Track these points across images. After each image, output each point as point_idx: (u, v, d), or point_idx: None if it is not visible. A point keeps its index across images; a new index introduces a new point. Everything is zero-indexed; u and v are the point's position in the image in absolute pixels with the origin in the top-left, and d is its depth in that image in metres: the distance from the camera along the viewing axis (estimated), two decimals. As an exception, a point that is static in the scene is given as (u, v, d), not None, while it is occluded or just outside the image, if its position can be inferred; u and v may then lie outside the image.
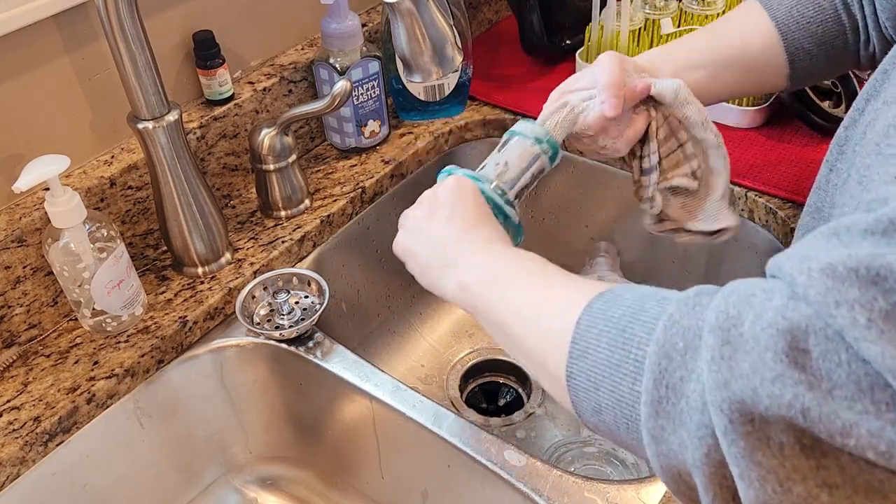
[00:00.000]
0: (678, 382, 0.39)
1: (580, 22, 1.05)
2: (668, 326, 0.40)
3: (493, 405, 0.99)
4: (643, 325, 0.41)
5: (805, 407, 0.34)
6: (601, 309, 0.45)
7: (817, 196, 0.58)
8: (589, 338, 0.44)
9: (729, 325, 0.37)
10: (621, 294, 0.45)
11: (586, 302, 0.46)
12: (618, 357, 0.42)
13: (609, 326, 0.43)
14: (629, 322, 0.42)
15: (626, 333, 0.42)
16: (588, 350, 0.44)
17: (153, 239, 0.84)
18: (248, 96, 0.89)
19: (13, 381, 0.72)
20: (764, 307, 0.36)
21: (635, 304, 0.43)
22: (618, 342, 0.42)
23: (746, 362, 0.36)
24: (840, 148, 0.55)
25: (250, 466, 0.88)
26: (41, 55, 0.73)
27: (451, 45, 0.66)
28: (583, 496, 0.63)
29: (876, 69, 0.55)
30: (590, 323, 0.45)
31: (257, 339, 0.79)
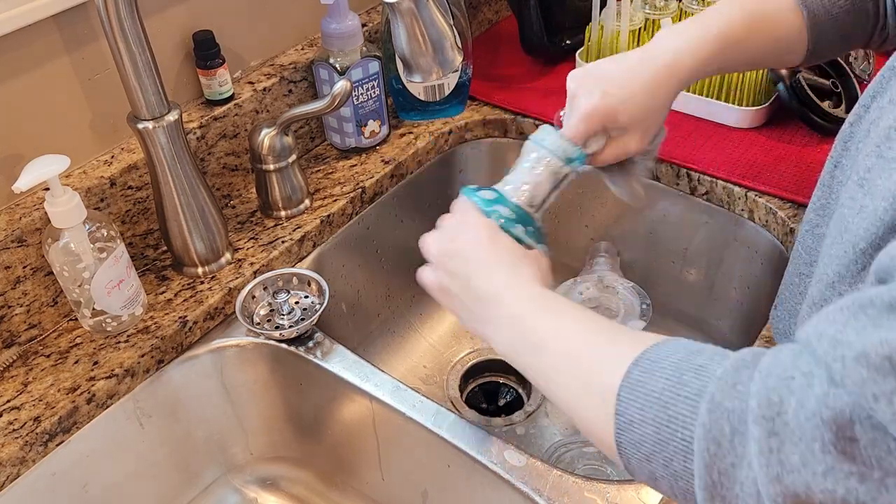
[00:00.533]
0: (729, 468, 0.39)
1: (580, 22, 1.05)
2: (712, 409, 0.40)
3: (493, 405, 0.99)
4: (685, 403, 0.42)
5: (860, 501, 0.34)
6: (640, 381, 0.44)
7: (822, 193, 0.57)
8: (632, 411, 0.44)
9: (772, 413, 0.37)
10: (658, 361, 0.44)
11: (622, 371, 0.45)
12: (665, 435, 0.42)
13: (651, 402, 0.43)
14: (671, 398, 0.42)
15: (670, 411, 0.42)
16: (633, 423, 0.44)
17: (153, 239, 0.84)
18: (248, 96, 0.89)
19: (13, 381, 0.72)
20: (805, 394, 0.36)
21: (673, 377, 0.43)
22: (662, 419, 0.43)
23: (796, 455, 0.36)
24: (844, 144, 0.55)
25: (250, 466, 0.88)
26: (41, 55, 0.73)
27: (451, 45, 0.66)
28: (583, 496, 0.63)
29: (884, 65, 0.55)
30: (630, 396, 0.44)
31: (257, 339, 0.79)
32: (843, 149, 0.55)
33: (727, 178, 0.88)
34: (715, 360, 0.42)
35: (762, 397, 0.37)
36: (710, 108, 0.96)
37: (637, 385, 0.44)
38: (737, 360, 0.41)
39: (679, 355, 0.44)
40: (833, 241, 0.50)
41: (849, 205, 0.48)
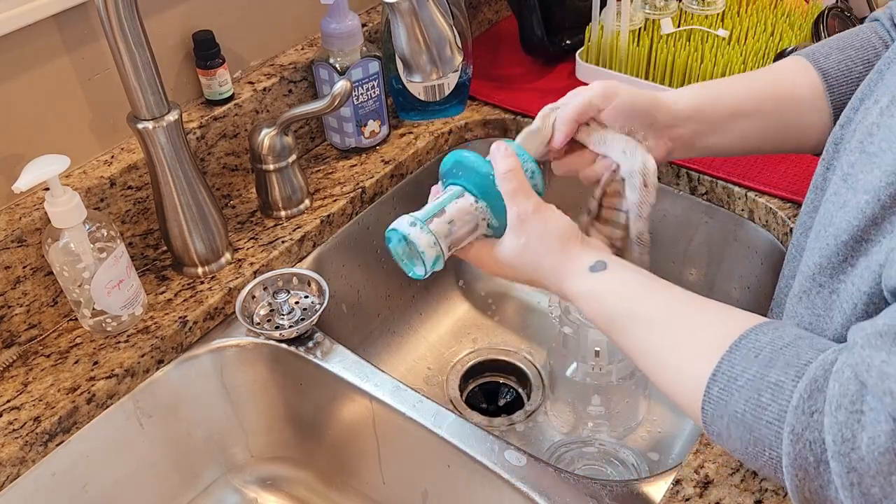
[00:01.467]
0: (819, 489, 0.42)
1: (580, 22, 1.05)
2: (794, 441, 0.42)
3: (493, 405, 0.99)
4: (768, 428, 0.44)
5: None
6: (721, 399, 0.47)
7: (814, 194, 0.58)
8: (719, 427, 0.48)
9: (847, 450, 0.40)
10: (735, 379, 0.47)
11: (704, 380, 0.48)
12: (752, 452, 0.46)
13: (735, 422, 0.46)
14: (753, 421, 0.45)
15: (755, 433, 0.45)
16: (721, 436, 0.48)
17: (153, 239, 0.84)
18: (248, 96, 0.89)
19: (13, 381, 0.72)
20: (875, 430, 0.38)
21: (752, 399, 0.45)
22: (748, 440, 0.46)
23: (876, 487, 0.39)
24: (836, 147, 0.55)
25: (250, 466, 0.88)
26: (41, 55, 0.73)
27: (451, 45, 0.66)
28: (583, 496, 0.63)
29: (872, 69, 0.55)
30: (715, 412, 0.48)
31: (257, 339, 0.79)
32: (835, 151, 0.55)
33: (727, 178, 0.88)
34: (789, 375, 0.44)
35: (836, 434, 0.40)
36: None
37: (719, 403, 0.47)
38: (810, 384, 0.43)
39: (753, 370, 0.46)
40: (817, 235, 0.51)
41: (833, 199, 0.49)
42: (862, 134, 0.48)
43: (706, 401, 0.48)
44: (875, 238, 0.45)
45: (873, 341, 0.39)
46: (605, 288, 0.57)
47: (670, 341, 0.52)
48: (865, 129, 0.48)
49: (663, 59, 0.98)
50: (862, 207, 0.45)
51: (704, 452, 0.62)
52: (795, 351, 0.45)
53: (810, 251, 0.52)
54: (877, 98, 0.50)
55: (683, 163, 0.90)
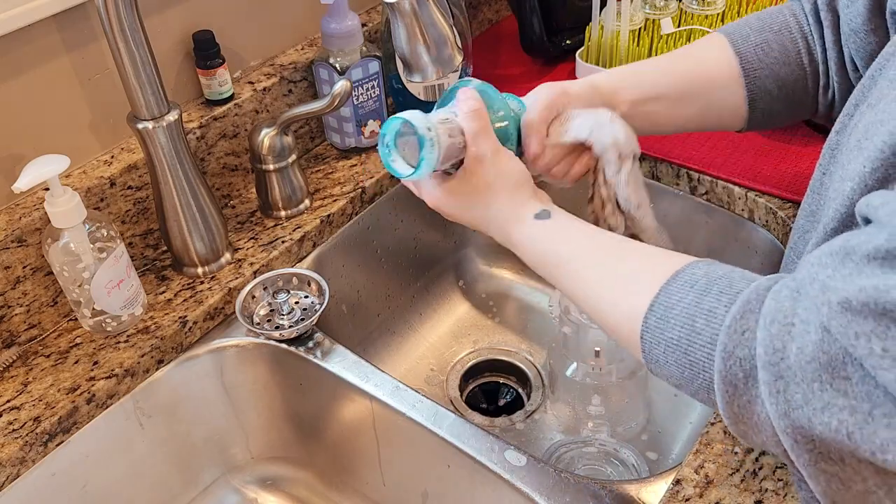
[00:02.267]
0: (747, 404, 0.45)
1: (580, 22, 1.05)
2: (726, 358, 0.45)
3: (493, 405, 0.99)
4: (702, 351, 0.47)
5: (849, 431, 0.39)
6: (658, 327, 0.50)
7: (812, 199, 0.58)
8: (657, 354, 0.50)
9: (776, 359, 0.42)
10: (671, 308, 0.49)
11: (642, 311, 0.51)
12: (689, 375, 0.49)
13: (672, 348, 0.49)
14: (688, 347, 0.48)
15: (690, 357, 0.48)
16: (659, 363, 0.51)
17: (153, 239, 0.84)
18: (248, 96, 0.89)
19: (13, 381, 0.72)
20: (804, 340, 0.41)
21: (687, 325, 0.48)
22: (684, 363, 0.48)
23: (799, 394, 0.41)
24: (832, 152, 0.56)
25: (250, 466, 0.88)
26: (41, 55, 0.73)
27: (451, 45, 0.66)
28: (583, 496, 0.63)
29: (860, 80, 0.56)
30: (653, 341, 0.50)
31: (257, 339, 0.79)
32: (831, 156, 0.56)
33: (727, 178, 0.88)
34: (722, 301, 0.47)
35: (767, 344, 0.42)
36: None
37: (656, 332, 0.50)
38: (743, 305, 0.45)
39: (688, 299, 0.49)
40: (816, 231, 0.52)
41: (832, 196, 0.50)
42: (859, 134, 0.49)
43: (644, 330, 0.50)
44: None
45: (824, 259, 0.41)
46: (545, 234, 0.60)
47: (609, 278, 0.55)
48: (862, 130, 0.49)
49: (663, 59, 0.98)
50: (848, 195, 0.46)
51: (704, 452, 0.62)
52: (729, 281, 0.48)
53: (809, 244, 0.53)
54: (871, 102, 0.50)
55: (683, 163, 0.90)
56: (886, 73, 0.50)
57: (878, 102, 0.49)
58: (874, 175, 0.44)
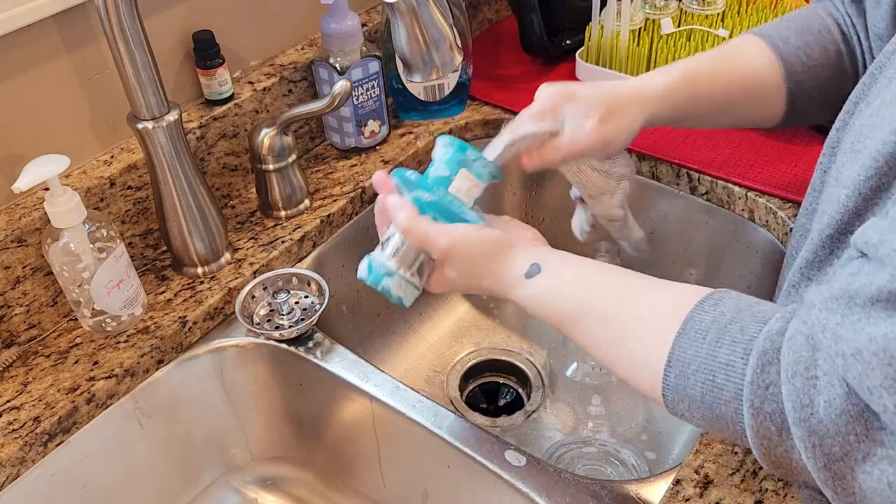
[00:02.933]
0: (784, 453, 0.44)
1: (580, 22, 1.05)
2: (755, 414, 0.44)
3: (493, 405, 0.99)
4: (728, 406, 0.46)
5: (890, 481, 0.39)
6: (678, 385, 0.49)
7: (812, 198, 0.58)
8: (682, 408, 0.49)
9: (806, 415, 0.41)
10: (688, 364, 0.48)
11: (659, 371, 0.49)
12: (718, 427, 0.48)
13: (696, 404, 0.48)
14: (713, 401, 0.47)
15: (716, 412, 0.47)
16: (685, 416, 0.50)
17: (153, 239, 0.84)
18: (248, 96, 0.89)
19: (13, 381, 0.72)
20: (830, 394, 0.40)
21: (708, 381, 0.47)
22: (710, 418, 0.48)
23: (836, 447, 0.40)
24: (832, 150, 0.56)
25: (250, 466, 0.88)
26: (41, 55, 0.73)
27: (451, 45, 0.66)
28: (583, 496, 0.63)
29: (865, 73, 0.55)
30: (676, 398, 0.49)
31: (257, 339, 0.79)
32: (831, 154, 0.56)
33: (727, 178, 0.88)
34: (737, 353, 0.46)
35: (794, 400, 0.41)
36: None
37: (677, 388, 0.49)
38: (760, 357, 0.44)
39: (703, 352, 0.47)
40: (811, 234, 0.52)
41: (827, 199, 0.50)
42: (854, 135, 0.49)
43: (665, 388, 0.49)
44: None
45: (829, 304, 0.41)
46: (544, 291, 0.58)
47: (620, 334, 0.53)
48: (857, 131, 0.49)
49: (663, 59, 0.98)
50: (843, 202, 0.46)
51: (704, 452, 0.62)
52: (739, 326, 0.47)
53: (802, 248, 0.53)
54: (869, 101, 0.50)
55: (683, 163, 0.90)
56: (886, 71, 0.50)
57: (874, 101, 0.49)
58: (868, 183, 0.44)
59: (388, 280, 0.62)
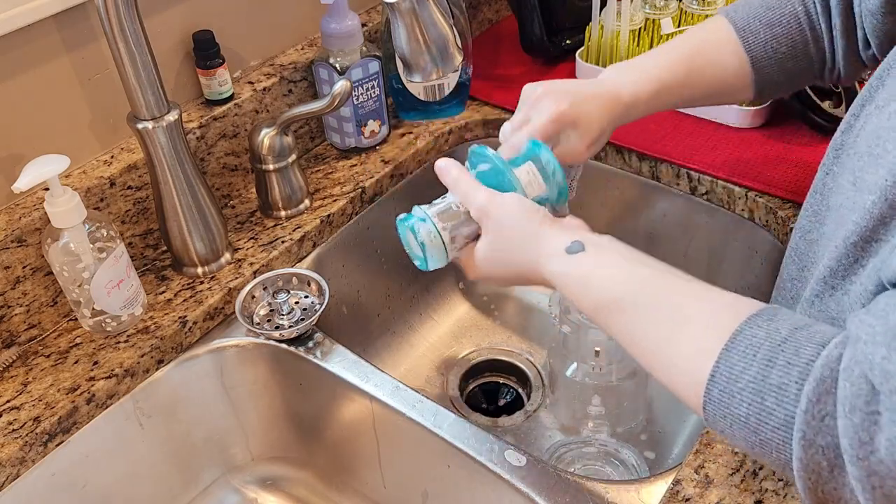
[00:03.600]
0: (833, 490, 0.42)
1: (580, 22, 1.05)
2: (806, 447, 0.42)
3: (493, 405, 0.99)
4: (775, 433, 0.44)
5: None
6: (722, 401, 0.46)
7: (814, 199, 0.58)
8: (723, 426, 0.47)
9: (865, 453, 0.39)
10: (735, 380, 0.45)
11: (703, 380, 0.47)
12: (759, 451, 0.46)
13: (739, 424, 0.45)
14: (758, 424, 0.44)
15: (761, 436, 0.44)
16: (725, 433, 0.47)
17: (153, 239, 0.84)
18: (248, 96, 0.89)
19: (13, 381, 0.72)
20: (892, 431, 0.38)
21: (756, 402, 0.44)
22: (753, 441, 0.45)
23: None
24: (836, 152, 0.56)
25: (250, 466, 0.88)
26: (41, 55, 0.73)
27: (451, 45, 0.66)
28: (583, 496, 0.63)
29: (872, 75, 0.55)
30: (717, 414, 0.46)
31: (257, 339, 0.79)
32: (836, 156, 0.56)
33: (727, 178, 0.88)
34: (791, 376, 0.43)
35: (852, 437, 0.39)
36: (710, 108, 0.96)
37: (721, 405, 0.46)
38: (818, 386, 0.42)
39: (753, 370, 0.45)
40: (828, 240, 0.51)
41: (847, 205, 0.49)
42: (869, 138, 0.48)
43: (707, 401, 0.47)
44: (884, 238, 0.45)
45: (877, 339, 0.39)
46: (585, 272, 0.55)
47: (663, 333, 0.50)
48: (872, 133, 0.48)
49: (663, 59, 0.98)
50: (868, 208, 0.45)
51: (704, 452, 0.62)
52: (795, 347, 0.44)
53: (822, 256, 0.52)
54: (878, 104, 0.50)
55: (683, 163, 0.90)
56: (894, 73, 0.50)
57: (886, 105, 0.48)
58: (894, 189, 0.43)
59: (420, 224, 0.62)
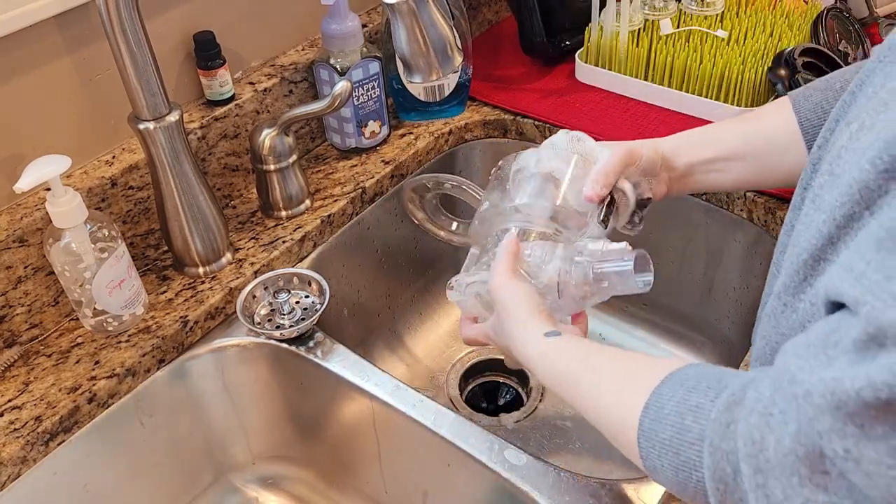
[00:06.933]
0: (739, 502, 0.42)
1: (580, 23, 1.05)
2: (712, 452, 0.43)
3: (493, 405, 0.99)
4: (691, 448, 0.46)
5: None
6: (651, 430, 0.49)
7: (792, 214, 0.58)
8: (653, 458, 0.49)
9: (755, 451, 0.40)
10: (662, 407, 0.48)
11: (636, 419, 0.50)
12: (683, 477, 0.47)
13: (665, 449, 0.48)
14: (679, 445, 0.46)
15: (681, 457, 0.46)
16: (657, 469, 0.49)
17: (154, 239, 0.85)
18: (249, 97, 0.89)
19: (14, 380, 0.72)
20: (782, 432, 0.39)
21: (677, 423, 0.47)
22: (676, 464, 0.47)
23: (778, 489, 0.39)
24: (813, 167, 0.56)
25: (251, 466, 0.88)
26: (43, 55, 0.73)
27: (451, 46, 0.66)
28: (583, 496, 0.63)
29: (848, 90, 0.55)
30: (648, 444, 0.49)
31: (258, 338, 0.79)
32: (812, 171, 0.56)
33: (726, 179, 0.88)
34: (709, 396, 0.46)
35: (747, 436, 0.41)
36: (711, 109, 0.96)
37: (650, 434, 0.49)
38: (728, 398, 0.44)
39: (677, 396, 0.48)
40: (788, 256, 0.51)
41: (804, 220, 0.50)
42: (832, 156, 0.48)
43: (640, 434, 0.49)
44: (830, 258, 0.45)
45: (799, 351, 0.40)
46: (554, 350, 0.60)
47: (609, 390, 0.54)
48: (835, 152, 0.48)
49: (663, 60, 0.98)
50: (819, 227, 0.46)
51: (704, 451, 0.63)
52: (718, 376, 0.47)
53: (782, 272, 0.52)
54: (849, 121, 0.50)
55: (683, 163, 0.90)
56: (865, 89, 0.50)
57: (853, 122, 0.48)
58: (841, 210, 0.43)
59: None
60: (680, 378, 0.49)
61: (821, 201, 0.47)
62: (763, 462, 0.39)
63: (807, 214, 0.50)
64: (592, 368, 0.57)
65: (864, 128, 0.46)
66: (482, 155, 1.05)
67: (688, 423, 0.46)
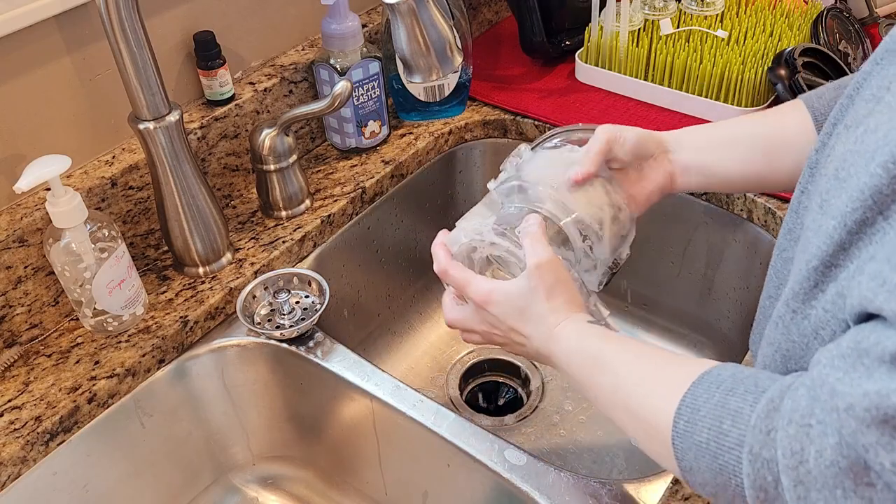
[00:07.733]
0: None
1: (580, 23, 1.05)
2: (753, 460, 0.43)
3: (493, 405, 0.99)
4: (730, 454, 0.45)
5: None
6: (687, 431, 0.48)
7: (791, 218, 0.58)
8: (689, 460, 0.48)
9: (795, 462, 0.40)
10: (697, 409, 0.48)
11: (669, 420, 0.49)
12: (721, 481, 0.46)
13: (702, 452, 0.47)
14: (717, 449, 0.46)
15: (719, 460, 0.46)
16: (693, 470, 0.49)
17: (154, 239, 0.85)
18: (249, 97, 0.89)
19: (14, 380, 0.72)
20: (823, 443, 0.39)
21: (714, 426, 0.46)
22: (715, 468, 0.47)
23: (821, 501, 0.39)
24: (811, 170, 0.56)
25: (250, 466, 0.88)
26: (42, 55, 0.73)
27: (450, 46, 0.66)
28: (583, 495, 0.63)
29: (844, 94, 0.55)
30: (683, 445, 0.49)
31: (258, 338, 0.79)
32: (811, 175, 0.56)
33: (726, 179, 0.88)
34: (747, 401, 0.46)
35: (786, 447, 0.41)
36: (711, 109, 0.96)
37: (686, 435, 0.48)
38: (767, 404, 0.44)
39: (714, 399, 0.47)
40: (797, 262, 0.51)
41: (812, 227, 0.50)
42: (836, 160, 0.48)
43: (675, 435, 0.49)
44: (843, 263, 0.45)
45: (836, 362, 0.40)
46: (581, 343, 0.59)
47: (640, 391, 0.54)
48: (839, 157, 0.48)
49: (662, 60, 0.98)
50: (830, 233, 0.45)
51: (704, 451, 0.63)
52: (755, 380, 0.47)
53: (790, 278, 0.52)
54: (847, 123, 0.50)
55: (683, 163, 0.90)
56: (863, 92, 0.50)
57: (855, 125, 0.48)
58: (853, 216, 0.43)
59: None
60: (715, 379, 0.49)
61: (829, 206, 0.47)
62: (804, 474, 0.40)
63: (814, 220, 0.49)
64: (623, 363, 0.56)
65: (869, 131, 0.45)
66: (482, 155, 1.05)
67: (726, 427, 0.46)
